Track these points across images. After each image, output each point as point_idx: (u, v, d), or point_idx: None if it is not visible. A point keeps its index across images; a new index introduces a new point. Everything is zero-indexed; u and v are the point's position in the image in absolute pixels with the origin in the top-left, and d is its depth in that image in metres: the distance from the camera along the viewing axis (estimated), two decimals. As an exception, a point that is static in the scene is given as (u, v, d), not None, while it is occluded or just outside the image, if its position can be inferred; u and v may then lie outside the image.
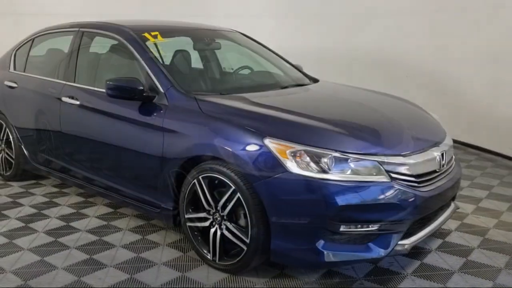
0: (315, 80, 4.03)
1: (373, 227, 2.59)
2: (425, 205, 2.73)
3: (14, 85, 4.40)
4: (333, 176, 2.52)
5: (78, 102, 3.66)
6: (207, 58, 4.45)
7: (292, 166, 2.54)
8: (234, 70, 4.42)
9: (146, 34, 3.61)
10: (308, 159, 2.54)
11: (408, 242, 2.72)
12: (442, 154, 2.93)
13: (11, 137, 4.53)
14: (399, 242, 2.67)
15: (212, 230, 2.91)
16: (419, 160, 2.75)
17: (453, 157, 3.20)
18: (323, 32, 5.71)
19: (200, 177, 2.91)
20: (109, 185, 3.60)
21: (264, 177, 2.60)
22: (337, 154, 2.55)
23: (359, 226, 2.57)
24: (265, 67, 4.33)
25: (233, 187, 2.74)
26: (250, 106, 3.00)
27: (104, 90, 3.47)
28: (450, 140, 3.20)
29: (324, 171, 2.52)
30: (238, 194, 2.72)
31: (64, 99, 3.77)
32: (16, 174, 4.59)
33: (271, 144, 2.60)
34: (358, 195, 2.52)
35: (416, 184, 2.68)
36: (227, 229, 2.84)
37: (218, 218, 2.88)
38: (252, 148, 2.67)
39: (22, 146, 4.40)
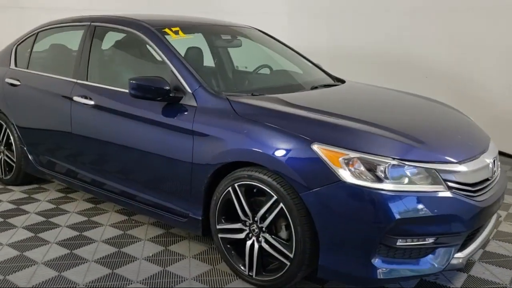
0: (339, 80, 3.83)
1: (429, 240, 2.40)
2: (481, 216, 2.55)
3: (16, 82, 4.09)
4: (390, 186, 2.31)
5: (92, 102, 3.39)
6: (219, 55, 4.22)
7: (345, 174, 2.33)
8: (251, 69, 4.20)
9: (167, 30, 3.36)
10: (362, 167, 2.34)
11: (463, 255, 2.54)
12: (494, 161, 2.76)
13: (12, 138, 4.23)
14: (455, 256, 2.49)
15: (249, 242, 2.69)
16: (474, 167, 2.57)
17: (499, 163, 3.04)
18: (336, 30, 5.52)
19: (235, 184, 2.68)
20: (125, 191, 3.35)
21: (313, 186, 2.38)
22: (394, 162, 2.35)
23: (416, 239, 2.38)
24: (285, 65, 4.11)
25: (275, 197, 2.52)
26: (289, 108, 2.77)
27: (122, 90, 3.26)
28: (495, 145, 3.04)
29: (380, 181, 2.32)
30: (281, 205, 2.50)
31: (76, 98, 3.49)
32: (17, 178, 4.29)
33: (321, 150, 2.39)
34: (417, 206, 2.32)
35: (472, 194, 2.50)
36: (266, 241, 2.62)
37: (256, 230, 2.66)
38: (298, 154, 2.45)
39: (25, 148, 4.10)
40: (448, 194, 2.39)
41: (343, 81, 3.76)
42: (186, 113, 2.92)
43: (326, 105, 2.97)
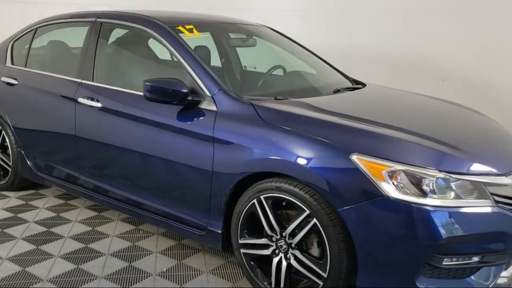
0: (356, 82, 3.63)
1: (475, 259, 2.23)
2: (528, 232, 2.38)
3: (13, 82, 3.82)
4: (438, 201, 2.13)
5: (99, 105, 3.15)
6: (227, 55, 4.01)
7: (389, 189, 2.13)
8: (259, 69, 3.99)
9: (181, 28, 3.14)
10: (407, 180, 2.15)
11: (508, 274, 2.36)
12: (537, 172, 2.60)
13: (7, 141, 3.96)
14: (501, 275, 2.32)
15: (276, 259, 2.49)
16: (519, 180, 2.40)
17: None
18: (349, 29, 5.31)
19: (261, 197, 2.48)
20: (132, 199, 3.12)
21: (352, 201, 2.19)
22: (441, 175, 2.16)
23: (461, 258, 2.21)
24: (298, 66, 3.91)
25: (307, 211, 2.32)
26: (320, 115, 2.57)
27: (132, 92, 3.03)
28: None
29: (426, 195, 2.13)
30: (315, 220, 2.30)
31: (82, 100, 3.25)
32: (13, 183, 4.02)
33: (361, 161, 2.19)
34: (464, 223, 2.15)
35: (519, 208, 2.33)
36: (296, 259, 2.42)
37: (284, 246, 2.46)
38: (335, 166, 2.26)
39: (22, 152, 3.84)
40: (495, 209, 2.21)
41: (362, 84, 3.57)
42: (205, 118, 2.70)
43: (358, 111, 2.77)
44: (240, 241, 2.61)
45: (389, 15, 5.15)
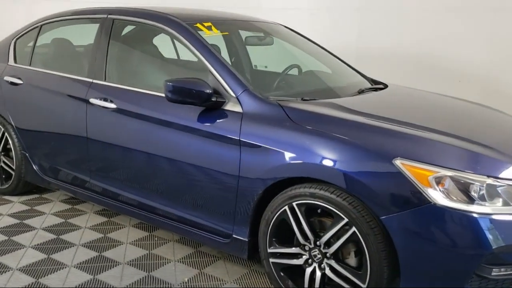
0: (375, 82, 3.51)
1: (521, 269, 2.13)
2: None
3: (18, 81, 3.64)
4: (487, 208, 2.02)
5: (114, 106, 2.99)
6: (237, 54, 3.87)
7: (436, 195, 2.02)
8: (269, 68, 3.86)
9: (199, 25, 2.99)
10: (454, 187, 2.04)
11: (551, 284, 2.27)
12: None
13: (11, 143, 3.78)
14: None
15: (309, 269, 2.37)
16: None
17: None
18: (363, 28, 5.19)
19: (294, 203, 2.35)
20: (148, 204, 2.98)
21: (396, 209, 2.07)
22: (489, 181, 2.05)
23: (509, 268, 2.10)
24: (314, 65, 3.78)
25: (346, 220, 2.20)
26: (353, 116, 2.45)
27: (149, 92, 2.89)
28: None
29: (474, 202, 2.02)
30: (354, 229, 2.18)
31: (94, 101, 3.09)
32: (16, 187, 3.84)
33: (405, 167, 2.07)
34: (514, 231, 2.04)
35: None
36: (332, 269, 2.30)
37: (318, 256, 2.33)
38: (376, 171, 2.13)
39: (27, 155, 3.66)
40: (543, 216, 2.11)
41: (382, 84, 3.45)
42: (230, 120, 2.57)
43: (391, 112, 2.65)
44: (269, 250, 2.48)
45: (406, 15, 5.04)
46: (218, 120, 2.61)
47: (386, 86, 3.36)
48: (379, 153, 2.15)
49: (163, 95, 2.73)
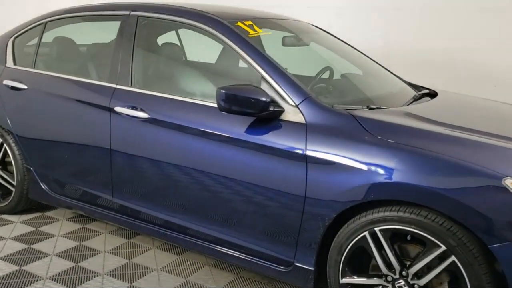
0: (413, 86, 3.25)
1: None
2: None
3: (21, 86, 3.21)
4: None
5: (145, 115, 2.62)
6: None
7: (558, 221, 1.77)
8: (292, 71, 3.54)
9: (240, 24, 2.66)
10: None
11: None
12: None
13: (10, 155, 3.34)
14: None
15: (393, 303, 2.08)
16: None
17: None
18: (388, 28, 4.92)
19: (376, 229, 2.06)
20: (184, 226, 2.64)
21: (509, 236, 1.81)
22: None
23: None
24: (346, 68, 3.50)
25: (443, 247, 1.93)
26: (439, 128, 2.18)
27: (192, 101, 2.54)
28: None
29: None
30: (453, 258, 1.91)
31: (120, 109, 2.71)
32: (17, 205, 3.41)
33: (519, 188, 1.82)
34: None
35: None
36: (421, 303, 2.03)
37: (405, 287, 2.05)
38: (483, 193, 1.87)
39: (32, 169, 3.24)
40: None
41: (427, 89, 3.19)
42: (291, 132, 2.25)
43: (470, 122, 2.39)
44: (342, 281, 2.18)
45: (436, 15, 4.80)
46: (276, 133, 2.29)
47: (433, 92, 3.10)
48: (484, 172, 1.89)
49: (207, 103, 2.41)
